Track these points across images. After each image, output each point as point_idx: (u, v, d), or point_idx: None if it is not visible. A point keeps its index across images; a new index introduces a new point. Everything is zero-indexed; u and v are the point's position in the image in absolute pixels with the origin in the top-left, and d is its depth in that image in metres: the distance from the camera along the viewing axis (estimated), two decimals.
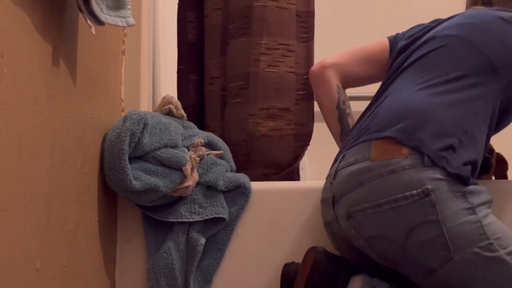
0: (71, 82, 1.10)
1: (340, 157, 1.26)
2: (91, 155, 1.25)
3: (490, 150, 1.62)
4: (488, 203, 1.16)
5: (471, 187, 1.14)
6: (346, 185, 1.20)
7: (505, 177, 1.66)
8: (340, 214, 1.22)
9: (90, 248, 1.24)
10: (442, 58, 1.28)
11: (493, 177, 1.65)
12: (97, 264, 1.30)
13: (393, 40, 1.49)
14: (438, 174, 1.12)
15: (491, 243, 1.10)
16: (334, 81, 1.48)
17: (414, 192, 1.11)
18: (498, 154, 1.65)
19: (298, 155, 1.63)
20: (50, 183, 0.99)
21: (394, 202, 1.12)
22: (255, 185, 1.46)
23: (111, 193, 1.36)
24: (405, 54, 1.37)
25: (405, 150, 1.14)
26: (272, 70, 1.59)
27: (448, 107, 1.21)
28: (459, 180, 1.13)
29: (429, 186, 1.11)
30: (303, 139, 1.64)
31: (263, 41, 1.61)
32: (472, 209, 1.12)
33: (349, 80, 1.50)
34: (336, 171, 1.25)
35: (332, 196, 1.24)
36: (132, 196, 1.33)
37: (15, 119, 0.85)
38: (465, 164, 1.16)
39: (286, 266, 1.31)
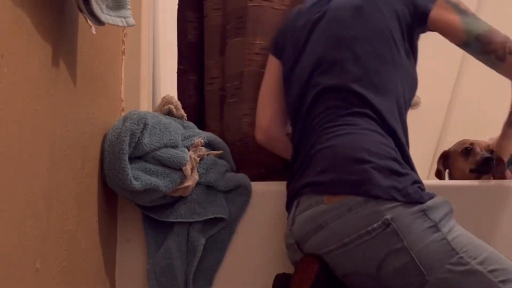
0: (71, 82, 1.10)
1: (295, 203, 1.25)
2: (91, 155, 1.24)
3: (491, 150, 1.62)
4: (449, 213, 1.15)
5: (429, 202, 1.13)
6: (306, 230, 1.20)
7: (504, 177, 1.66)
8: None
9: (90, 248, 1.24)
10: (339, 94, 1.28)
11: (491, 177, 1.65)
12: (97, 264, 1.30)
13: (275, 52, 1.50)
14: (393, 202, 1.11)
15: (461, 257, 1.09)
16: (282, 133, 1.48)
17: (375, 225, 1.10)
18: (496, 154, 1.65)
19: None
20: (50, 183, 0.99)
21: (359, 239, 1.12)
22: (255, 185, 1.46)
23: (111, 193, 1.36)
24: (296, 86, 1.37)
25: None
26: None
27: (375, 135, 1.21)
28: (415, 201, 1.13)
29: (388, 216, 1.10)
30: None
31: (257, 41, 1.61)
32: (435, 227, 1.10)
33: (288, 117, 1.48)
34: (293, 217, 1.24)
35: (295, 242, 1.24)
36: (132, 196, 1.33)
37: (15, 119, 0.85)
38: (412, 183, 1.15)
39: (277, 278, 1.30)
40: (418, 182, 1.17)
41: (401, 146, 1.23)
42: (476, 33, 1.28)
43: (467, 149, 1.61)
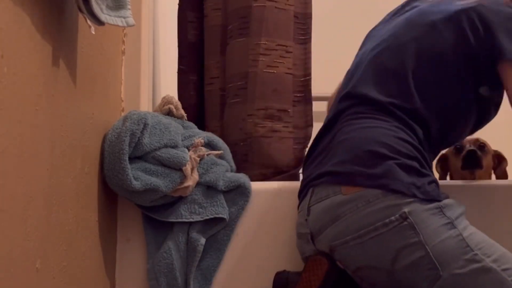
0: (71, 82, 1.10)
1: (310, 192, 1.24)
2: (91, 155, 1.24)
3: (480, 144, 1.61)
4: (463, 214, 1.16)
5: (445, 201, 1.14)
6: (322, 221, 1.19)
7: (505, 174, 1.66)
8: (322, 249, 1.21)
9: (90, 248, 1.24)
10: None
11: (493, 176, 1.65)
12: (97, 264, 1.30)
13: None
14: (411, 198, 1.12)
15: (475, 254, 1.09)
16: None
17: (392, 218, 1.11)
18: (496, 151, 1.65)
19: (298, 157, 1.62)
20: (50, 183, 0.99)
21: (375, 231, 1.12)
22: (255, 185, 1.46)
23: (111, 193, 1.36)
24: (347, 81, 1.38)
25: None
26: (270, 71, 1.59)
27: (400, 132, 1.21)
28: (432, 198, 1.14)
29: (406, 209, 1.11)
30: (302, 142, 1.64)
31: (262, 41, 1.61)
32: (451, 223, 1.11)
33: None
34: (309, 207, 1.24)
35: (309, 232, 1.23)
36: (132, 196, 1.33)
37: (15, 119, 0.85)
38: (430, 183, 1.15)
39: (278, 275, 1.30)
40: (435, 182, 1.18)
41: (425, 150, 1.23)
42: None
43: (457, 148, 1.61)
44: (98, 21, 1.03)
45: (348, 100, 1.30)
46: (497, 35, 1.24)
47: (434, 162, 1.70)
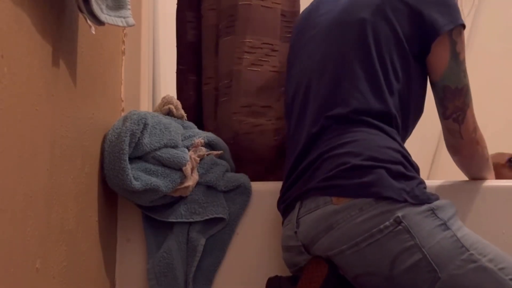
0: (71, 82, 1.10)
1: (298, 205, 1.23)
2: (91, 155, 1.25)
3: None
4: (455, 215, 1.16)
5: (436, 203, 1.14)
6: (315, 231, 1.18)
7: None
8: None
9: (90, 248, 1.24)
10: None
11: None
12: (97, 264, 1.30)
13: None
14: (402, 203, 1.12)
15: (471, 254, 1.10)
16: None
17: (387, 223, 1.11)
18: None
19: (279, 149, 1.60)
20: (50, 183, 0.99)
21: (371, 238, 1.12)
22: (255, 185, 1.46)
23: (111, 193, 1.36)
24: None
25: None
26: (254, 69, 1.59)
27: (382, 140, 1.21)
28: (423, 201, 1.14)
29: (399, 214, 1.11)
30: (283, 132, 1.62)
31: (247, 39, 1.60)
32: (445, 225, 1.12)
33: None
34: (298, 219, 1.22)
35: (301, 244, 1.22)
36: (132, 196, 1.33)
37: (15, 119, 0.85)
38: (418, 185, 1.16)
39: (270, 281, 1.30)
40: (422, 183, 1.18)
41: (405, 149, 1.23)
42: (446, 84, 1.26)
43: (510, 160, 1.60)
44: (98, 21, 1.03)
45: (320, 121, 1.28)
46: (427, 13, 1.24)
47: (433, 159, 1.69)
